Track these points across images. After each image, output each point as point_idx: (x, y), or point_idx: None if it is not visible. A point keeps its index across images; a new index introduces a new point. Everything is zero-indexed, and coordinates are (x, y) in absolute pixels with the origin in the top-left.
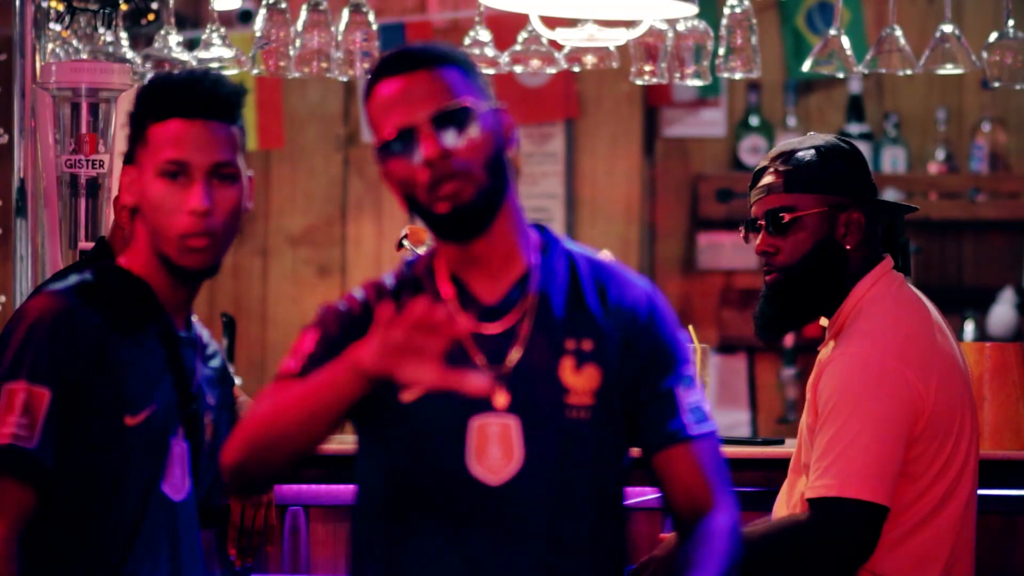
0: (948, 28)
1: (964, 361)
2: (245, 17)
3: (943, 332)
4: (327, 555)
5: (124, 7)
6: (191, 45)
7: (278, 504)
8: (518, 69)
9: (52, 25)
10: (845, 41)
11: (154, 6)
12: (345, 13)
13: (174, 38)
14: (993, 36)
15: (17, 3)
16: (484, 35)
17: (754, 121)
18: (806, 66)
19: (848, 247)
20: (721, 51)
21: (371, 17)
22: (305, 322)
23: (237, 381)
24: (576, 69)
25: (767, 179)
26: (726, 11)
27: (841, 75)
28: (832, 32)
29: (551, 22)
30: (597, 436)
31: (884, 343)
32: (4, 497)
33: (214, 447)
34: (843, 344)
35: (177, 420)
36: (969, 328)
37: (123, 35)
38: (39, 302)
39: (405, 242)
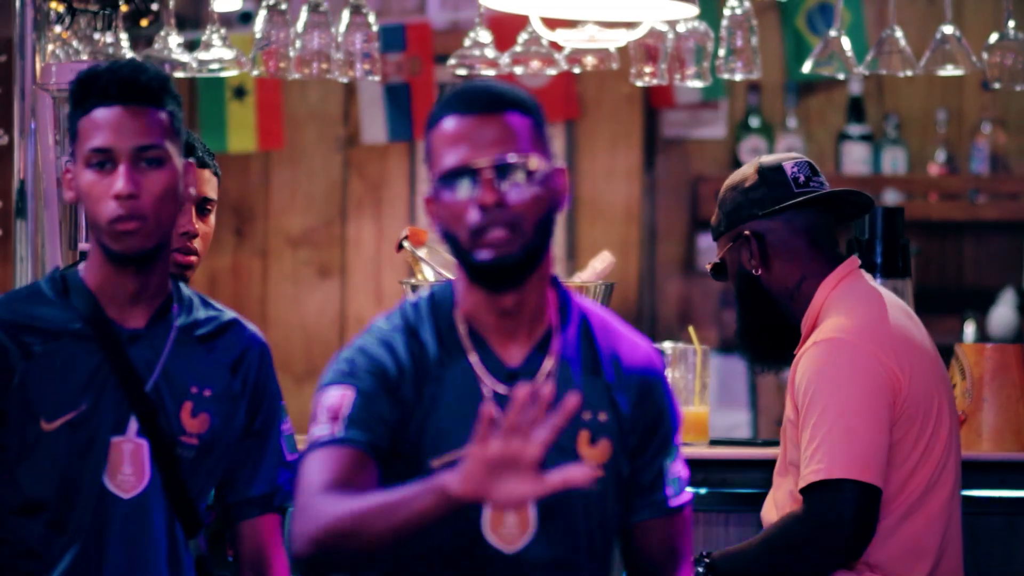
0: (948, 29)
1: (939, 356)
2: (245, 18)
3: (915, 322)
4: None
5: (124, 8)
6: (191, 46)
7: None
8: (518, 70)
9: (52, 26)
10: (845, 42)
11: (154, 7)
12: (345, 14)
13: (174, 39)
14: (993, 37)
15: (17, 4)
16: (484, 36)
17: (754, 122)
18: (806, 67)
19: (757, 272)
20: (721, 52)
21: (371, 18)
22: (305, 324)
23: None
24: (576, 71)
25: None
26: (726, 12)
27: (841, 76)
28: (832, 33)
29: (551, 23)
30: (604, 506)
31: (854, 329)
32: None
33: (213, 441)
34: (814, 336)
35: (127, 418)
36: (969, 329)
37: (123, 36)
38: None
39: (405, 243)
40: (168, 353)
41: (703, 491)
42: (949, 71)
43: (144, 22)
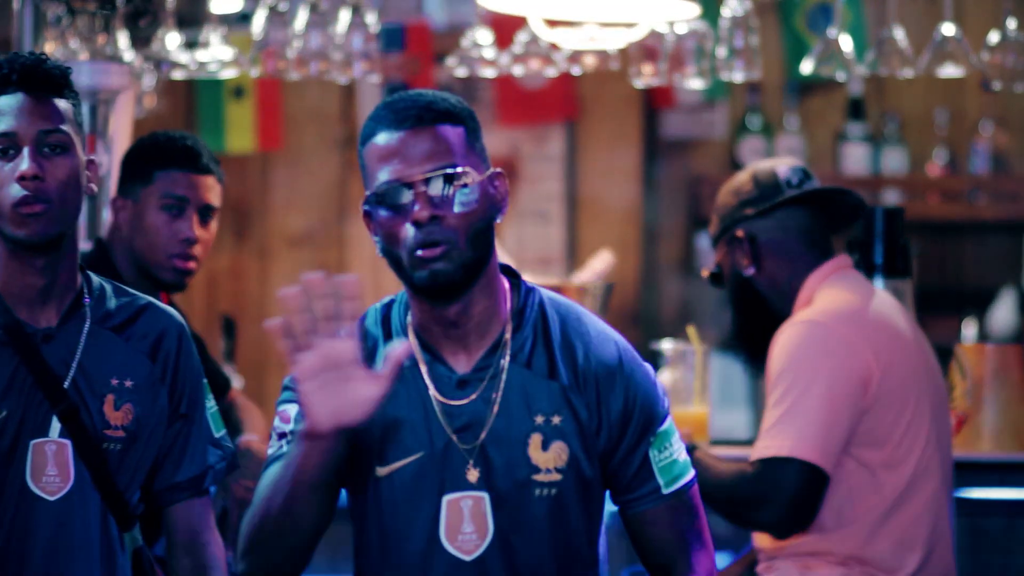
0: (948, 29)
1: (927, 353)
2: (244, 18)
3: (903, 317)
4: (327, 555)
5: (124, 8)
6: (190, 46)
7: None
8: (518, 71)
9: (51, 26)
10: (845, 42)
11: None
12: (344, 14)
13: (173, 39)
14: (993, 37)
15: (16, 4)
16: (484, 36)
17: (754, 122)
18: (806, 67)
19: (749, 271)
20: (721, 52)
21: (371, 18)
22: None
23: (237, 383)
24: (576, 71)
25: None
26: (726, 12)
27: (842, 77)
28: (832, 33)
29: (551, 23)
30: (565, 509)
31: (831, 313)
32: None
33: (139, 431)
34: (793, 318)
35: (49, 419)
36: (969, 329)
37: (122, 36)
38: None
39: None
40: (83, 348)
41: None
42: (949, 71)
43: (143, 22)
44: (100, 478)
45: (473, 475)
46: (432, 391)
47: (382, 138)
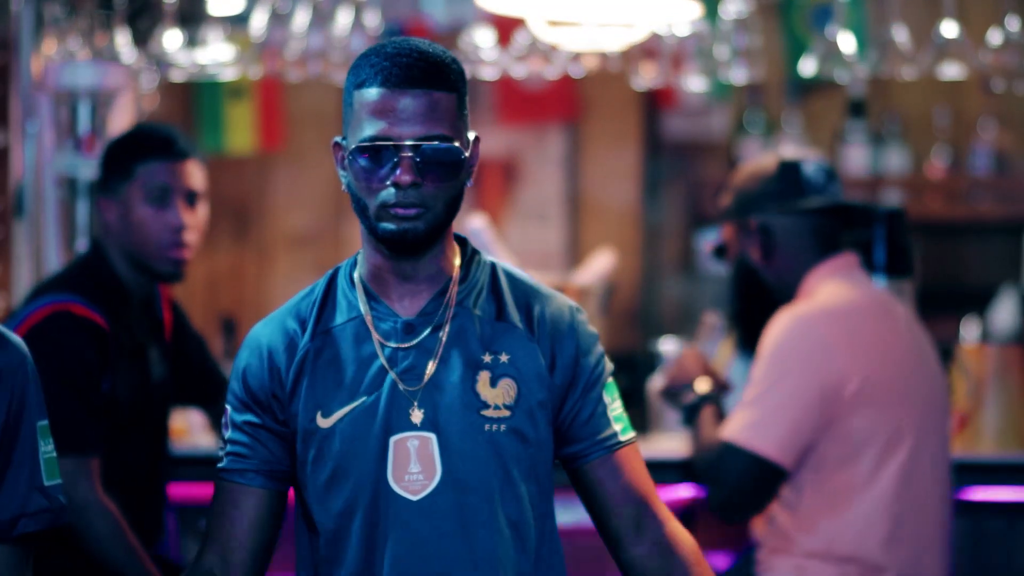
0: (949, 29)
1: (928, 353)
2: (244, 19)
3: (899, 316)
4: None
5: (123, 7)
6: (190, 45)
7: None
8: (518, 71)
9: (51, 26)
10: (846, 42)
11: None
12: (344, 14)
13: (173, 39)
14: (994, 37)
15: (16, 4)
16: (484, 36)
17: (754, 122)
18: (806, 67)
19: (759, 263)
20: (722, 53)
21: (370, 18)
22: None
23: None
24: (577, 73)
25: None
26: (726, 13)
27: (842, 77)
28: (832, 33)
29: (552, 23)
30: (515, 448)
31: (823, 309)
32: None
33: None
34: (789, 306)
35: None
36: (969, 329)
37: (122, 35)
38: None
39: None
40: None
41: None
42: (950, 71)
43: (142, 22)
44: None
45: (417, 416)
46: (376, 338)
47: (376, 92)
